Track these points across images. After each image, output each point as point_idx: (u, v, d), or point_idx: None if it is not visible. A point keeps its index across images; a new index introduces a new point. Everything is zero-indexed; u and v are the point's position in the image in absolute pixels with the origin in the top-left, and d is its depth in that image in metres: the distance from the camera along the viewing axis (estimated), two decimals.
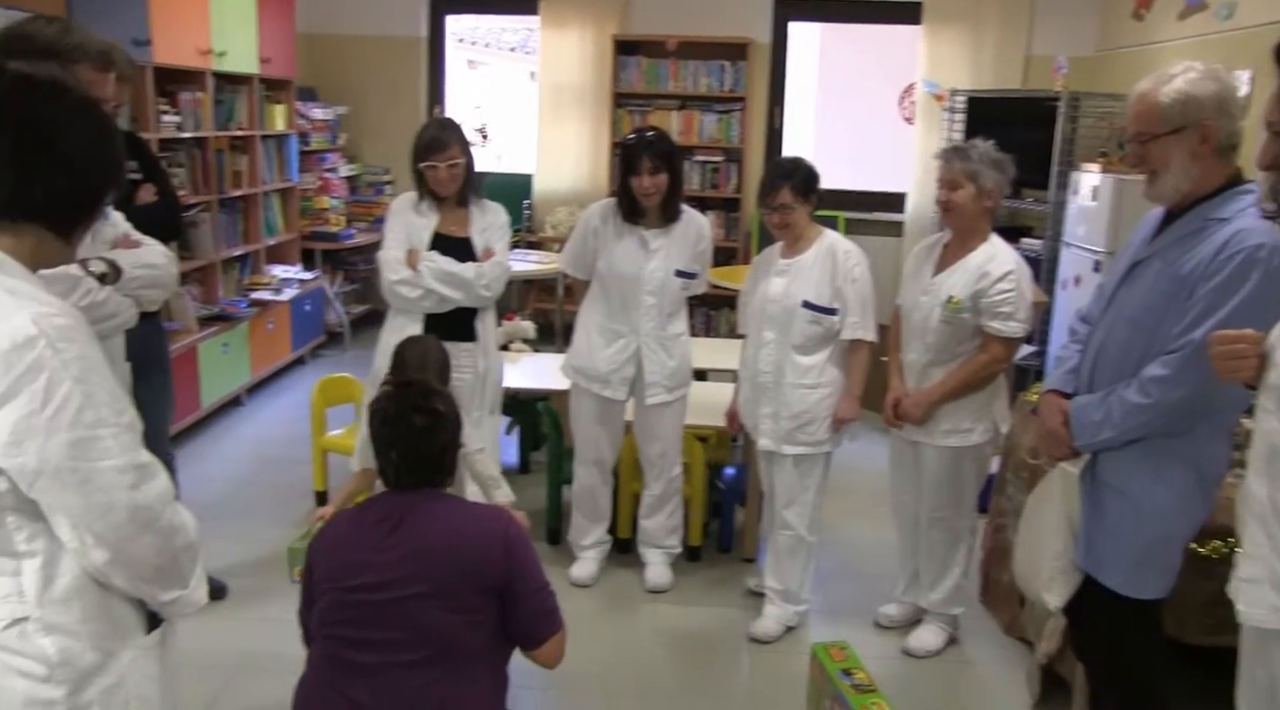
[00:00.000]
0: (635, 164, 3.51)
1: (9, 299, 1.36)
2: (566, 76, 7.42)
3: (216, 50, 5.64)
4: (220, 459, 5.13)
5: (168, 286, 2.53)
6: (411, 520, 2.07)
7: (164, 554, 1.47)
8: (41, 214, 1.44)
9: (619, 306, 3.68)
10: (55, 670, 1.42)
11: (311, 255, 7.14)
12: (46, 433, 1.34)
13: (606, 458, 3.86)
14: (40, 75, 1.48)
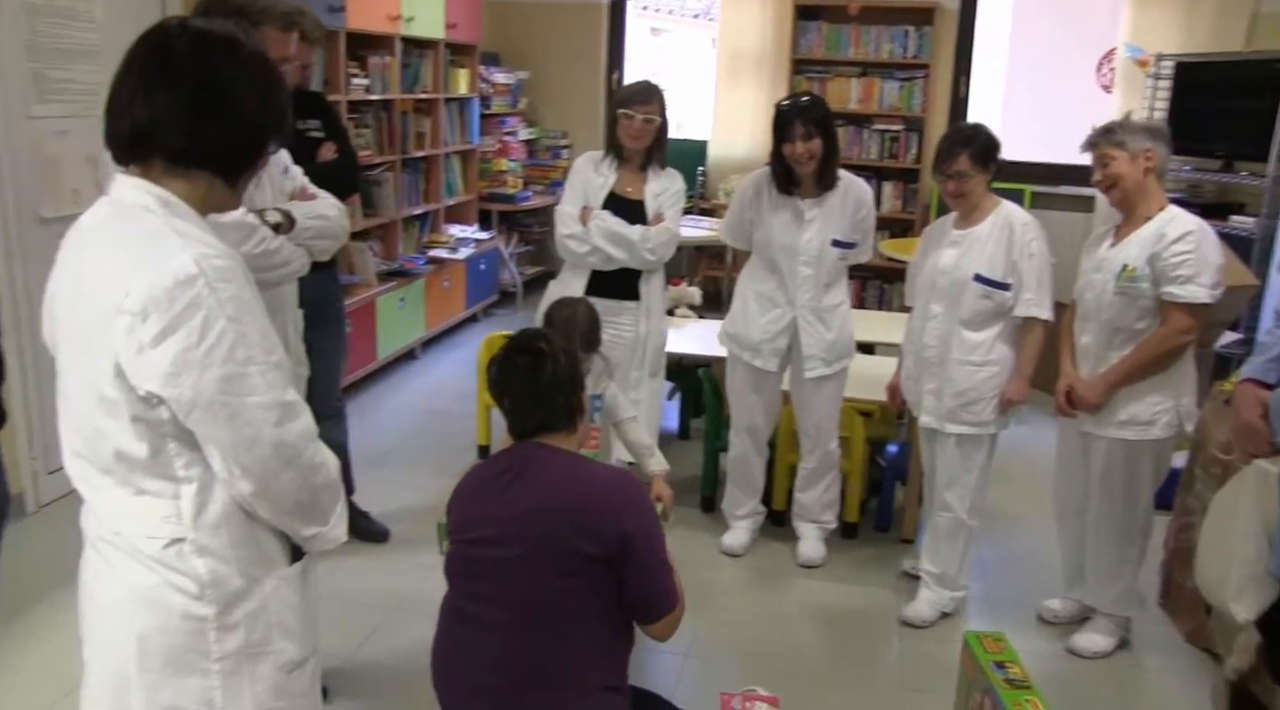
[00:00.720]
0: (788, 130, 3.42)
1: (176, 239, 1.42)
2: (745, 43, 7.32)
3: (405, 16, 5.81)
4: (392, 410, 5.33)
5: (338, 238, 2.62)
6: (528, 475, 2.05)
7: (304, 490, 1.53)
8: (211, 162, 1.51)
9: (775, 277, 3.62)
10: (206, 590, 1.49)
11: (488, 216, 7.31)
12: (201, 367, 1.39)
13: (760, 427, 3.81)
14: (217, 31, 1.53)
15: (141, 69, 1.47)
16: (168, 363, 1.38)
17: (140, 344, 1.38)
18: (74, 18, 3.92)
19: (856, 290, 7.30)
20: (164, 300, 1.37)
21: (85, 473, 1.52)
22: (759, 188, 3.62)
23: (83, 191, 4.01)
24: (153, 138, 1.47)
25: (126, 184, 1.49)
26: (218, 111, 1.48)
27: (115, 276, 1.40)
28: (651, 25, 12.44)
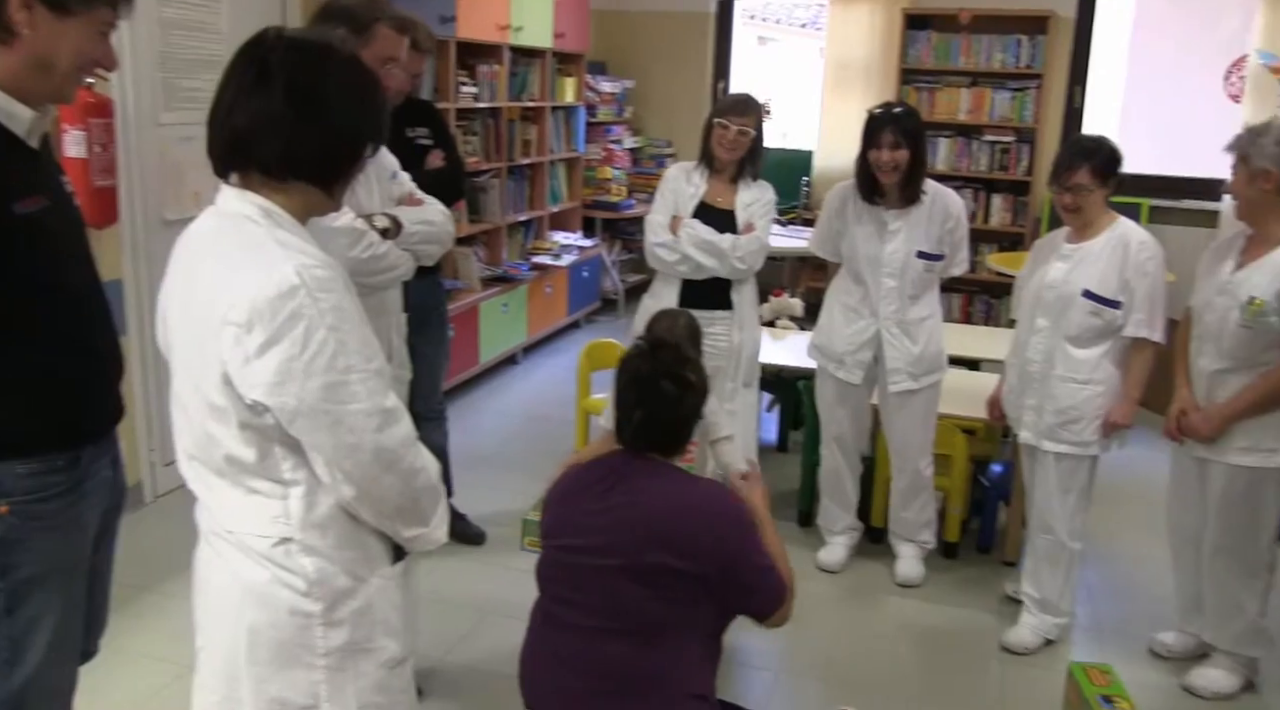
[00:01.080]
0: (876, 137, 3.38)
1: (278, 250, 1.45)
2: (853, 52, 7.24)
3: (514, 26, 5.89)
4: (493, 413, 5.40)
5: (444, 243, 2.66)
6: (627, 487, 2.05)
7: (405, 494, 1.55)
8: (307, 171, 1.53)
9: (860, 288, 3.59)
10: (313, 587, 1.53)
11: (592, 223, 7.37)
12: (304, 376, 1.42)
13: (848, 440, 3.76)
14: (311, 39, 1.55)
15: (239, 80, 1.50)
16: (272, 372, 1.42)
17: (246, 355, 1.42)
18: (202, 29, 4.08)
19: (963, 305, 7.15)
20: (267, 312, 1.40)
21: (199, 473, 1.57)
22: (845, 198, 3.59)
23: (203, 195, 4.13)
24: (249, 148, 1.50)
25: (230, 195, 1.53)
26: (312, 119, 1.49)
27: (221, 288, 1.44)
28: (758, 34, 12.40)
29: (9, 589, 1.79)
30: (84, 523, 1.91)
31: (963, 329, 5.49)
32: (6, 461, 1.76)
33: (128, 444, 3.91)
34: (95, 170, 3.47)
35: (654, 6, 7.79)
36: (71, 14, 1.68)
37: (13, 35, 1.66)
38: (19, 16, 1.65)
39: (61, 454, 1.82)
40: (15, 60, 1.68)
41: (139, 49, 3.83)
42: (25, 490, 1.78)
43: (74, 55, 1.71)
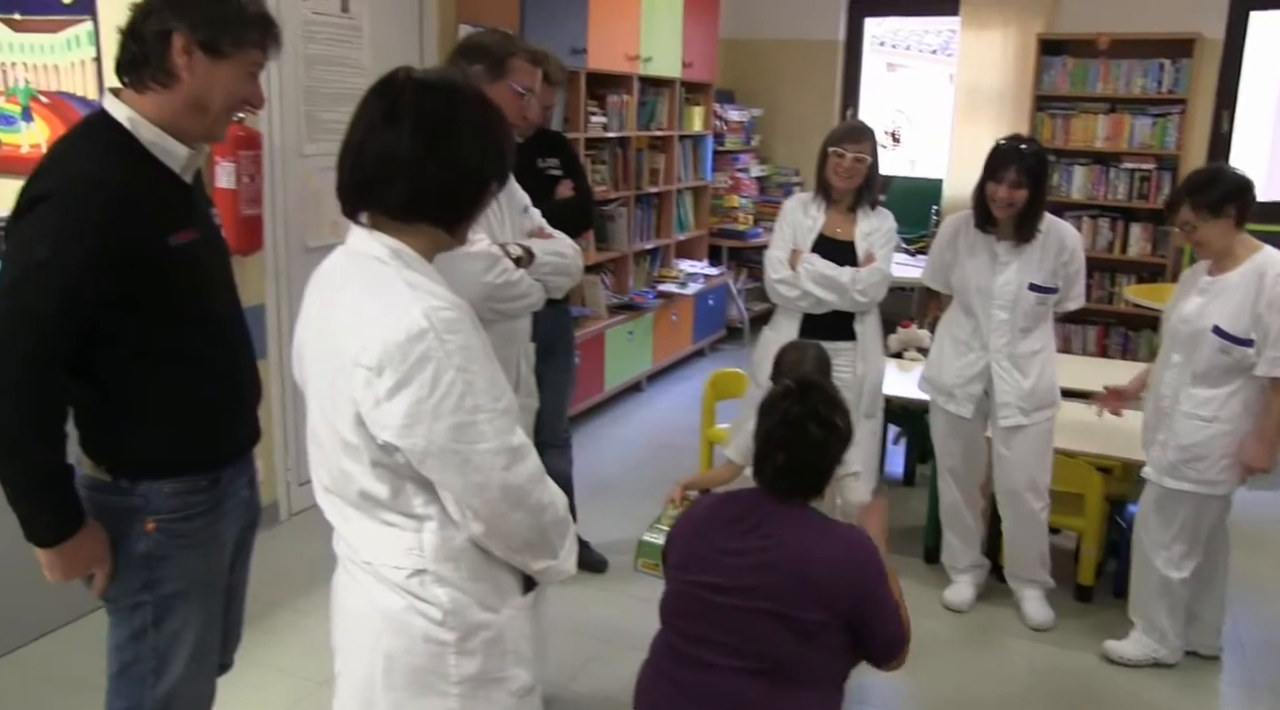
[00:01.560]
0: (998, 171, 3.30)
1: (407, 292, 1.47)
2: (985, 79, 7.10)
3: (643, 56, 5.97)
4: (616, 440, 5.43)
5: (573, 276, 2.70)
6: (768, 528, 2.03)
7: (533, 529, 1.58)
8: (433, 211, 1.55)
9: (970, 320, 3.51)
10: (448, 617, 1.56)
11: (718, 251, 7.38)
12: (433, 417, 1.44)
13: (963, 474, 3.67)
14: (436, 78, 1.57)
15: (368, 121, 1.52)
16: (401, 415, 1.44)
17: (376, 397, 1.44)
18: (344, 64, 4.26)
19: (1099, 337, 6.89)
20: (397, 355, 1.43)
21: (336, 506, 1.61)
22: (958, 228, 3.53)
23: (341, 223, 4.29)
24: (377, 188, 1.52)
25: (359, 234, 1.56)
26: (438, 159, 1.50)
27: (352, 330, 1.47)
28: (887, 61, 12.25)
29: (155, 602, 1.89)
30: (223, 540, 2.00)
31: (1097, 363, 5.28)
32: (154, 481, 1.85)
33: (265, 464, 4.07)
34: (243, 200, 3.65)
35: (782, 35, 7.79)
36: (225, 57, 1.78)
37: (174, 78, 1.77)
38: (180, 61, 1.75)
39: (203, 475, 1.91)
40: (175, 101, 1.79)
41: (285, 83, 4.01)
42: (170, 509, 1.87)
43: (226, 95, 1.81)
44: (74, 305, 1.70)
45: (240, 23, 1.79)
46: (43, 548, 1.78)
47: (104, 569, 1.85)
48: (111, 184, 1.72)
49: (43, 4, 3.75)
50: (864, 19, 7.79)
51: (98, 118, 1.82)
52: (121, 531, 1.85)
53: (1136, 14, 6.58)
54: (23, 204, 1.73)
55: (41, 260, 1.67)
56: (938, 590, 3.75)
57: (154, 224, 1.77)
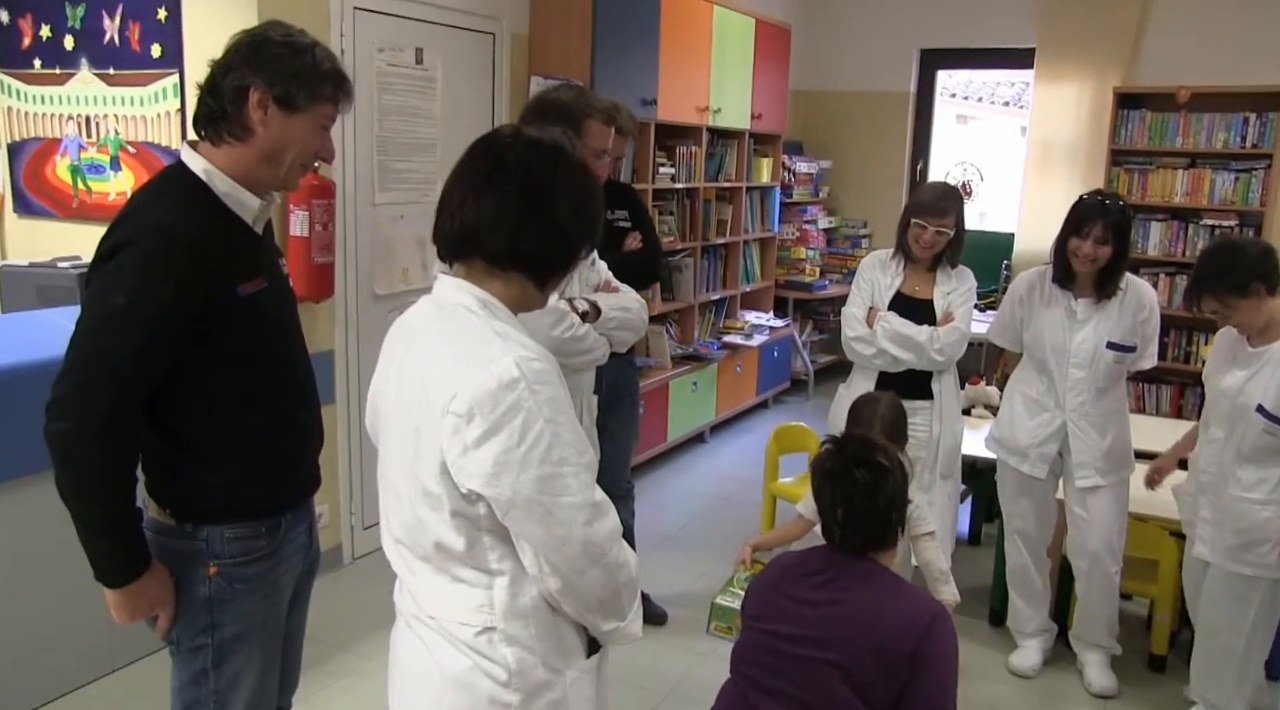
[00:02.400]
0: (1083, 226, 3.23)
1: (498, 342, 1.49)
2: (1059, 132, 7.00)
3: (713, 108, 6.00)
4: (679, 492, 5.39)
5: (638, 331, 2.70)
6: (842, 584, 2.03)
7: (608, 587, 1.56)
8: (528, 265, 1.57)
9: (1045, 379, 3.42)
10: (513, 678, 1.54)
11: (784, 303, 7.35)
12: (520, 467, 1.44)
13: (1033, 535, 3.57)
14: (546, 141, 1.59)
15: (474, 173, 1.56)
16: (489, 463, 1.44)
17: (465, 445, 1.44)
18: (417, 115, 4.34)
19: (1174, 397, 6.69)
20: (488, 403, 1.43)
21: (405, 558, 1.61)
22: (1032, 284, 3.46)
23: (411, 271, 4.39)
24: (477, 238, 1.55)
25: (449, 285, 1.58)
26: (539, 217, 1.54)
27: (443, 378, 1.48)
28: (958, 113, 12.20)
29: (216, 645, 1.91)
30: (282, 585, 2.01)
31: (1173, 423, 5.12)
32: (217, 526, 1.88)
33: (330, 507, 4.10)
34: (316, 247, 3.72)
35: (853, 87, 7.79)
36: (299, 111, 1.84)
37: (249, 132, 1.83)
38: (255, 115, 1.82)
39: (264, 520, 1.94)
40: (250, 154, 1.85)
41: (359, 133, 4.09)
42: (231, 553, 1.90)
43: (299, 148, 1.87)
44: (149, 352, 1.74)
45: (315, 78, 1.84)
46: (111, 588, 1.82)
47: (167, 611, 1.89)
48: (187, 234, 1.77)
49: (135, 59, 3.89)
50: (936, 71, 7.76)
51: (175, 169, 1.88)
52: (185, 575, 1.89)
53: (1218, 67, 6.45)
54: (103, 252, 1.78)
55: (119, 307, 1.72)
56: (1003, 654, 3.65)
57: (225, 274, 1.82)
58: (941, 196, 3.45)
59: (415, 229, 4.37)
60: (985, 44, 7.33)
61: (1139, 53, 6.77)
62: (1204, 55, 6.51)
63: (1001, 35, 7.21)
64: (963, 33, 7.36)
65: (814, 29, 7.71)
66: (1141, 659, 3.63)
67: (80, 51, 4.03)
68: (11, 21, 4.20)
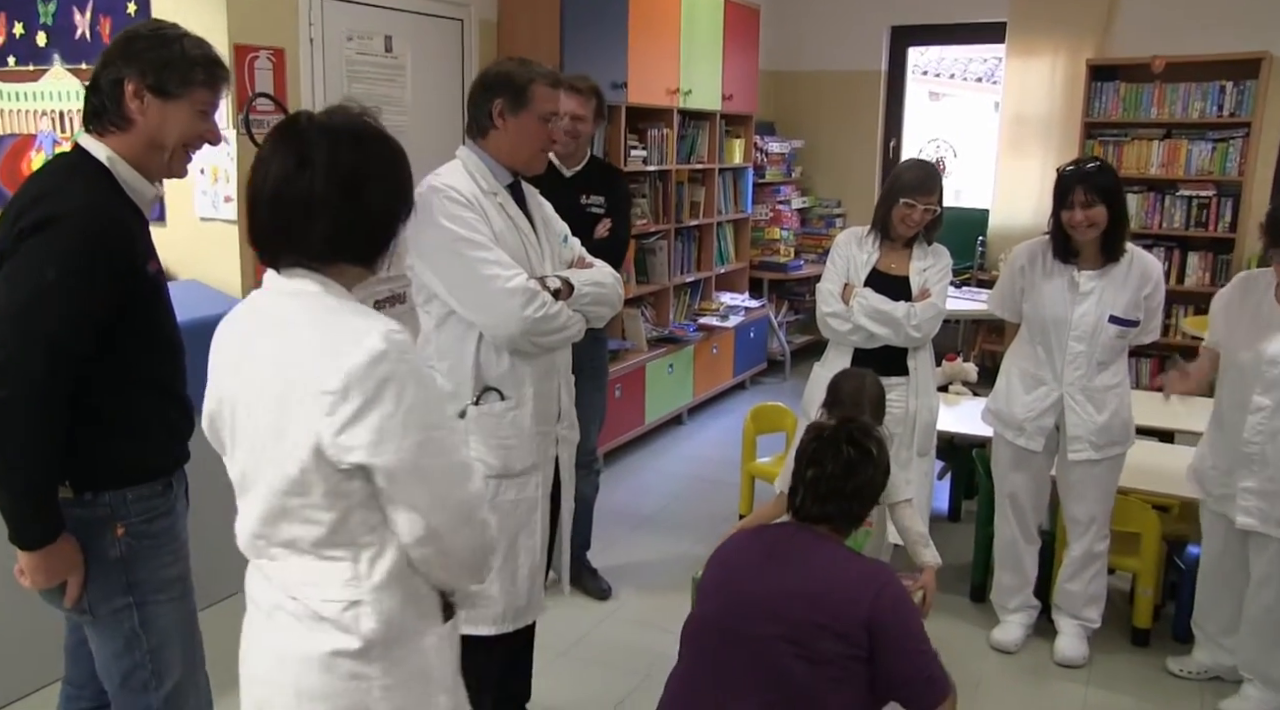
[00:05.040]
0: (1068, 196, 3.22)
1: (361, 319, 1.52)
2: (1032, 106, 7.02)
3: (683, 90, 5.97)
4: (657, 473, 5.39)
5: (614, 305, 2.68)
6: (791, 558, 2.04)
7: (477, 547, 1.62)
8: (352, 253, 1.59)
9: (1043, 351, 3.41)
10: (374, 648, 1.56)
11: (759, 284, 7.34)
12: (402, 433, 1.48)
13: (1025, 510, 3.56)
14: (337, 121, 1.58)
15: (281, 167, 1.54)
16: (372, 433, 1.47)
17: (344, 420, 1.47)
18: (387, 103, 4.29)
19: (1153, 370, 6.72)
20: (362, 377, 1.46)
21: (263, 549, 1.61)
22: (1033, 254, 3.43)
23: None
24: (297, 232, 1.55)
25: (281, 277, 1.58)
26: (352, 202, 1.54)
27: (310, 361, 1.49)
28: (930, 90, 12.20)
29: (139, 603, 1.99)
30: (183, 540, 2.10)
31: (1154, 397, 5.16)
32: (117, 489, 1.96)
33: None
34: None
35: (823, 66, 7.78)
36: (174, 97, 1.95)
37: (130, 123, 1.94)
38: (134, 105, 1.93)
39: (159, 480, 2.03)
40: (135, 142, 1.96)
41: None
42: (136, 513, 1.98)
43: (180, 133, 1.98)
44: (81, 326, 1.84)
45: (184, 65, 1.95)
46: (28, 551, 1.89)
47: (77, 576, 1.95)
48: (109, 213, 1.89)
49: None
50: (907, 48, 7.76)
51: (78, 155, 1.97)
52: (93, 541, 1.96)
53: (1193, 36, 6.44)
54: (24, 228, 1.84)
55: (50, 281, 1.80)
56: (984, 630, 3.66)
57: (137, 253, 1.94)
58: (928, 175, 3.43)
59: None
60: (956, 19, 7.32)
61: (1112, 24, 6.77)
62: (1178, 24, 6.51)
63: (972, 10, 7.20)
64: (933, 9, 7.35)
65: (783, 9, 7.68)
66: (1124, 633, 3.65)
67: (53, 47, 4.00)
68: None
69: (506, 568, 2.56)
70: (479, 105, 2.51)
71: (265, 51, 3.76)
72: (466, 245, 2.38)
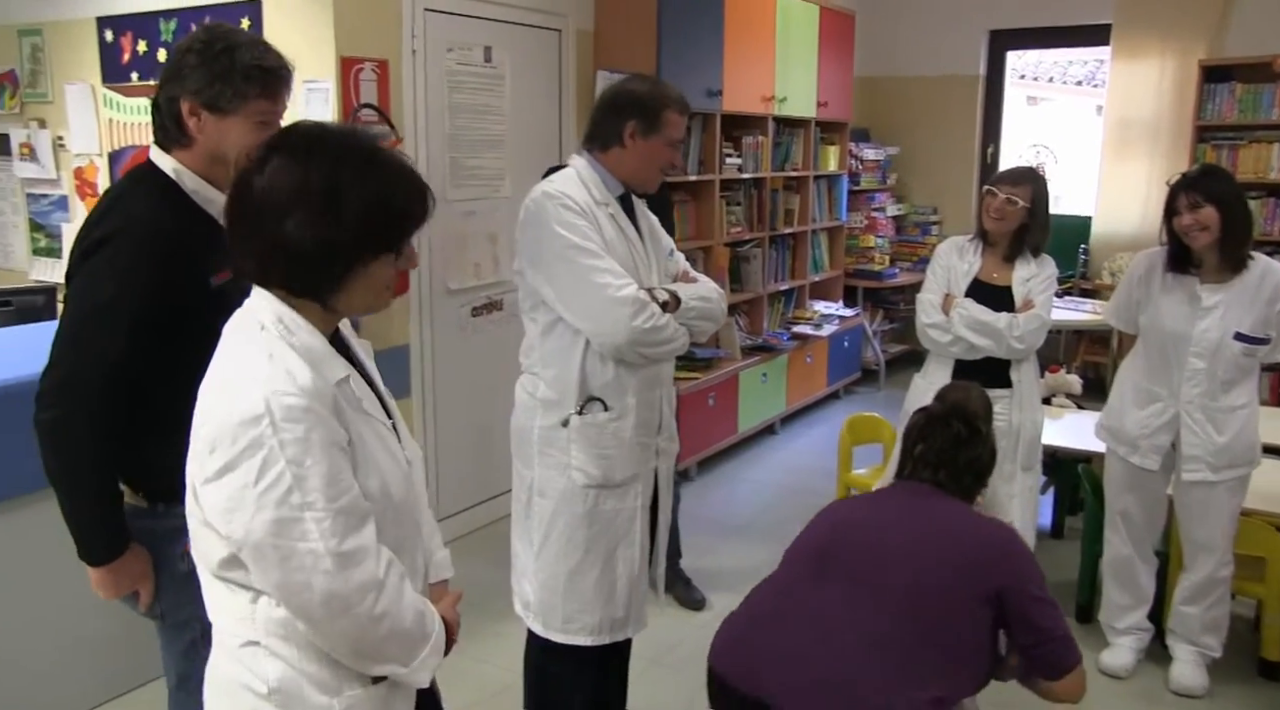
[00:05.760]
0: (1173, 202, 3.12)
1: (262, 368, 1.40)
2: (1138, 109, 6.81)
3: (778, 97, 5.94)
4: (750, 482, 5.36)
5: (718, 320, 2.67)
6: (916, 507, 2.09)
7: (362, 640, 1.45)
8: (277, 282, 1.47)
9: (1160, 366, 3.27)
10: (273, 694, 1.47)
11: (854, 292, 7.26)
12: (256, 508, 1.36)
13: (1140, 530, 3.43)
14: (293, 138, 1.47)
15: (240, 213, 1.47)
16: (224, 499, 1.38)
17: (206, 475, 1.40)
18: (486, 112, 4.35)
19: (1273, 384, 6.43)
20: (228, 437, 1.37)
21: (199, 565, 1.54)
22: (1152, 265, 3.30)
23: (483, 266, 4.41)
24: (233, 249, 1.48)
25: (259, 294, 1.50)
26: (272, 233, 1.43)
27: (207, 394, 1.44)
28: (1027, 94, 11.94)
29: (202, 618, 1.97)
30: None
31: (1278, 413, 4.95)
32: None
33: None
34: None
35: (920, 71, 7.66)
36: (229, 112, 1.95)
37: (191, 140, 1.97)
38: (191, 123, 1.95)
39: None
40: (198, 156, 1.98)
41: (431, 131, 4.12)
42: None
43: (238, 147, 1.92)
44: (136, 344, 1.85)
45: (237, 78, 1.94)
46: (94, 567, 1.93)
47: (147, 587, 2.00)
48: (164, 228, 1.90)
49: None
50: (1006, 52, 7.61)
51: (146, 169, 2.01)
52: (164, 553, 1.99)
53: None
54: (86, 247, 1.89)
55: (106, 299, 1.84)
56: (1092, 651, 3.52)
57: (198, 265, 1.92)
58: (1020, 171, 3.40)
59: (486, 224, 4.39)
60: (1058, 22, 7.15)
61: (1226, 23, 6.52)
62: None
63: (1075, 13, 7.02)
64: (1034, 12, 7.19)
65: (879, 14, 7.59)
66: (1250, 664, 3.48)
67: None
68: (115, 40, 4.41)
69: (605, 579, 2.56)
70: (608, 122, 2.51)
71: (370, 63, 3.84)
72: (579, 252, 2.39)
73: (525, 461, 2.59)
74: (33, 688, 2.98)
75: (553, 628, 2.57)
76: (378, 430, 1.54)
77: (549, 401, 2.51)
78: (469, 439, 4.51)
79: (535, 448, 2.54)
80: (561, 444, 2.50)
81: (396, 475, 1.54)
